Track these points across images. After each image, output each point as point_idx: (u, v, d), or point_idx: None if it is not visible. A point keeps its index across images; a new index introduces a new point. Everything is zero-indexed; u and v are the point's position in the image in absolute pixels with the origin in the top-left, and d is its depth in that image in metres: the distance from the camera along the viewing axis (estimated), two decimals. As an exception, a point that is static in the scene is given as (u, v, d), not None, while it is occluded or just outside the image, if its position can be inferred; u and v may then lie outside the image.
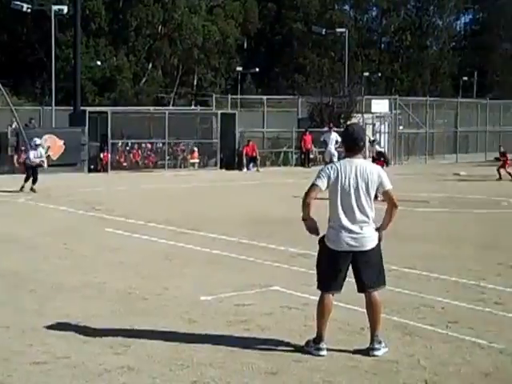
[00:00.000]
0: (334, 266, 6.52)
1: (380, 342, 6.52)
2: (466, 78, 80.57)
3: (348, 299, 7.56)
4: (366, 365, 6.22)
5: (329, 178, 6.55)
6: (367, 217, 6.49)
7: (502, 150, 29.84)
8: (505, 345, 6.80)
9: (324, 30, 60.04)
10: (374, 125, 39.74)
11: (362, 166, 6.54)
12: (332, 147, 30.90)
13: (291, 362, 6.26)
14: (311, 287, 8.64)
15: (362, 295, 6.67)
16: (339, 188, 6.51)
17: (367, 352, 6.48)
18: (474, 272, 10.17)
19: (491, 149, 42.41)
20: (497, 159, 30.50)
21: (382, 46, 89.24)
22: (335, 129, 32.80)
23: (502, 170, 28.19)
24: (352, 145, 6.63)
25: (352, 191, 6.46)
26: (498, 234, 14.36)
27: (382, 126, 40.24)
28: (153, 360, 6.31)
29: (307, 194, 6.56)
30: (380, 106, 40.99)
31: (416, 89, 76.40)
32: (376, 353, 6.46)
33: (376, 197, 6.64)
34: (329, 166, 6.78)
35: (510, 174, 28.09)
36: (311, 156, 35.39)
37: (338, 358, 6.39)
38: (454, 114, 45.09)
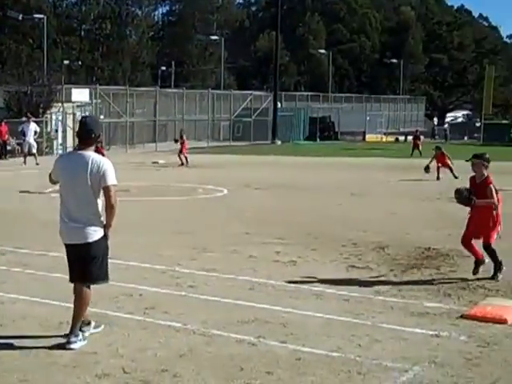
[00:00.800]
0: (67, 257, 6.63)
1: (77, 335, 6.54)
2: (164, 68, 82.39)
3: (46, 295, 7.50)
4: (65, 359, 6.22)
5: (55, 168, 6.69)
6: (88, 210, 6.48)
7: (181, 133, 31.97)
8: (197, 325, 7.17)
9: (20, 16, 57.89)
10: (74, 114, 39.27)
11: (87, 158, 6.46)
12: (31, 138, 30.01)
13: (-16, 366, 6.06)
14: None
15: (63, 290, 6.67)
16: (62, 180, 6.56)
17: (64, 346, 6.49)
18: (169, 258, 10.56)
19: (188, 137, 43.92)
20: (176, 141, 32.40)
21: (83, 33, 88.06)
22: (34, 119, 31.90)
23: (181, 155, 30.19)
24: (84, 137, 6.56)
25: (73, 184, 6.44)
26: (192, 219, 15.03)
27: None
28: None
29: (49, 180, 6.89)
30: (81, 95, 40.65)
31: (117, 78, 76.55)
32: (72, 346, 6.47)
33: None
34: (58, 156, 6.93)
35: (183, 159, 29.90)
36: (8, 148, 33.93)
37: (37, 355, 6.31)
38: (154, 104, 46.04)
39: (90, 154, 6.54)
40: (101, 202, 6.58)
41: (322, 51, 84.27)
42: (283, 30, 67.94)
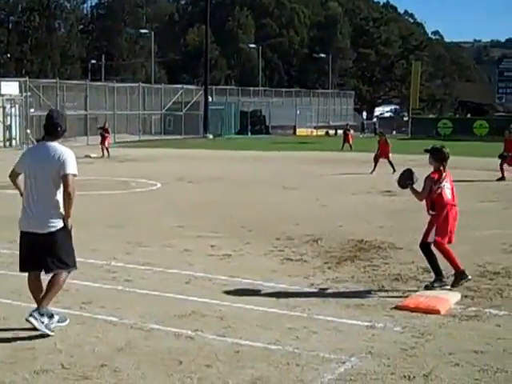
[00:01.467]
0: (22, 246, 6.68)
1: (42, 314, 6.52)
2: (94, 61, 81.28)
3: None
4: (2, 355, 6.09)
5: (21, 160, 6.82)
6: (48, 201, 6.56)
7: (106, 126, 33.21)
8: (134, 319, 7.11)
9: None
10: (4, 108, 38.41)
11: (50, 149, 6.62)
12: None
13: None
14: None
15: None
16: (26, 170, 6.69)
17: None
18: (104, 252, 10.45)
19: (120, 130, 43.56)
20: (99, 129, 33.73)
21: (11, 25, 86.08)
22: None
23: (103, 146, 31.77)
24: (51, 129, 6.74)
25: (35, 174, 6.59)
26: (126, 213, 14.87)
27: (13, 109, 39.10)
28: None
29: (9, 175, 6.90)
30: (10, 88, 39.78)
31: (46, 71, 75.17)
32: (31, 319, 6.48)
33: None
34: (27, 149, 7.14)
35: (104, 150, 31.30)
36: None
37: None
38: (84, 97, 45.40)
39: (54, 145, 6.68)
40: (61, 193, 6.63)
41: (252, 45, 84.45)
42: (213, 25, 67.80)
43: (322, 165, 28.12)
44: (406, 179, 8.74)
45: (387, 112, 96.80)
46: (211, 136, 52.68)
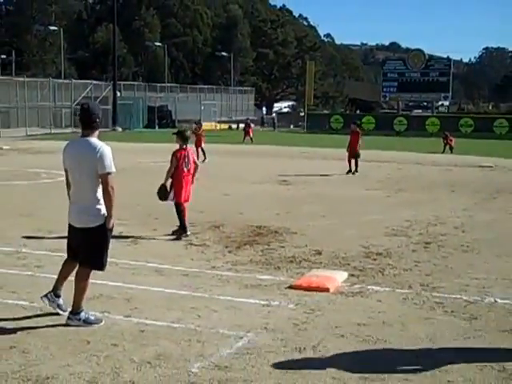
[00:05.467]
0: (68, 235, 6.64)
1: (77, 313, 6.47)
2: (4, 57, 78.58)
3: None
4: None
5: (63, 156, 6.48)
6: (88, 196, 6.31)
7: None
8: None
9: None
10: None
11: (89, 144, 6.26)
12: None
13: None
14: None
15: None
16: (68, 165, 6.38)
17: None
18: (15, 240, 10.16)
19: (31, 124, 42.40)
20: None
21: None
22: None
23: None
24: (88, 122, 6.33)
25: (76, 169, 6.30)
26: (36, 202, 14.55)
27: None
28: None
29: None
30: None
31: None
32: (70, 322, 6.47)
33: None
34: (66, 143, 6.62)
35: None
36: None
37: None
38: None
39: (92, 140, 6.31)
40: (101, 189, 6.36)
41: (158, 44, 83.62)
42: (120, 23, 66.61)
43: (225, 156, 28.18)
44: (164, 193, 10.96)
45: (285, 108, 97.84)
46: (120, 129, 51.94)
